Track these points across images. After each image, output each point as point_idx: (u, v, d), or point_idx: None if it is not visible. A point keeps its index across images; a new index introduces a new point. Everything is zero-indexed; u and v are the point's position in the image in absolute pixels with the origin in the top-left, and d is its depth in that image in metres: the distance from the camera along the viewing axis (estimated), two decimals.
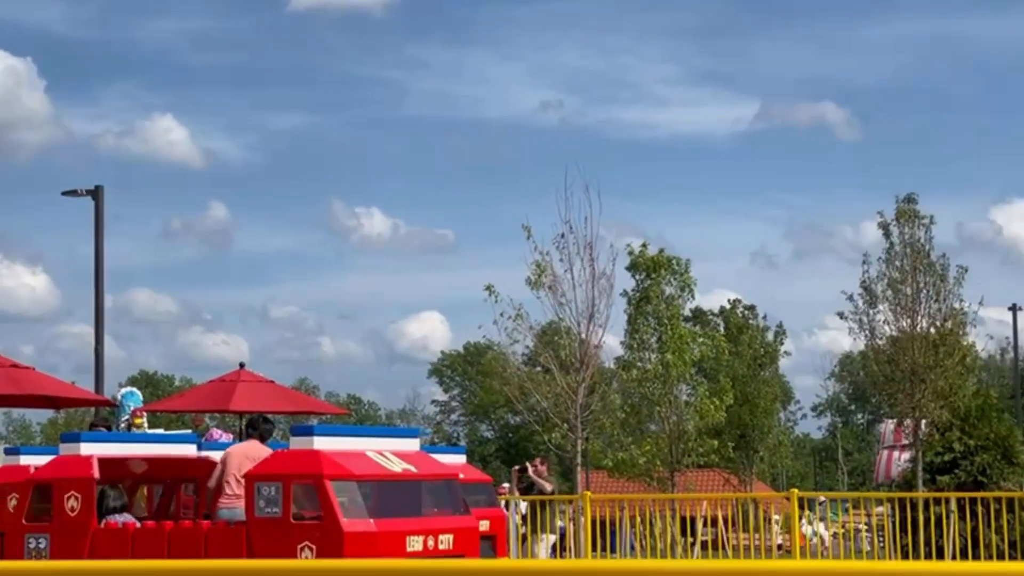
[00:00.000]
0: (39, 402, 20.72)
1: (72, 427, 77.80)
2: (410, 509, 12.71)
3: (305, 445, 12.50)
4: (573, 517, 22.21)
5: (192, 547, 12.54)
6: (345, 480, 12.20)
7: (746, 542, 21.80)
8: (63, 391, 20.26)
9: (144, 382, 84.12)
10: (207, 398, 23.12)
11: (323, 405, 30.26)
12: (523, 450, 68.67)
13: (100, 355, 30.28)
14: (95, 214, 30.68)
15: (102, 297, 30.85)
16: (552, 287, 28.63)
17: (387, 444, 13.26)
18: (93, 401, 23.63)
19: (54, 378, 20.75)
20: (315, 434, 12.62)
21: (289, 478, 12.21)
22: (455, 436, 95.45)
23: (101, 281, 30.71)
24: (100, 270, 30.67)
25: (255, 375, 22.99)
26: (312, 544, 11.89)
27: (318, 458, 12.28)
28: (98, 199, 30.66)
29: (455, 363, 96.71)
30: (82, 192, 31.00)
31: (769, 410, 46.29)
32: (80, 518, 13.14)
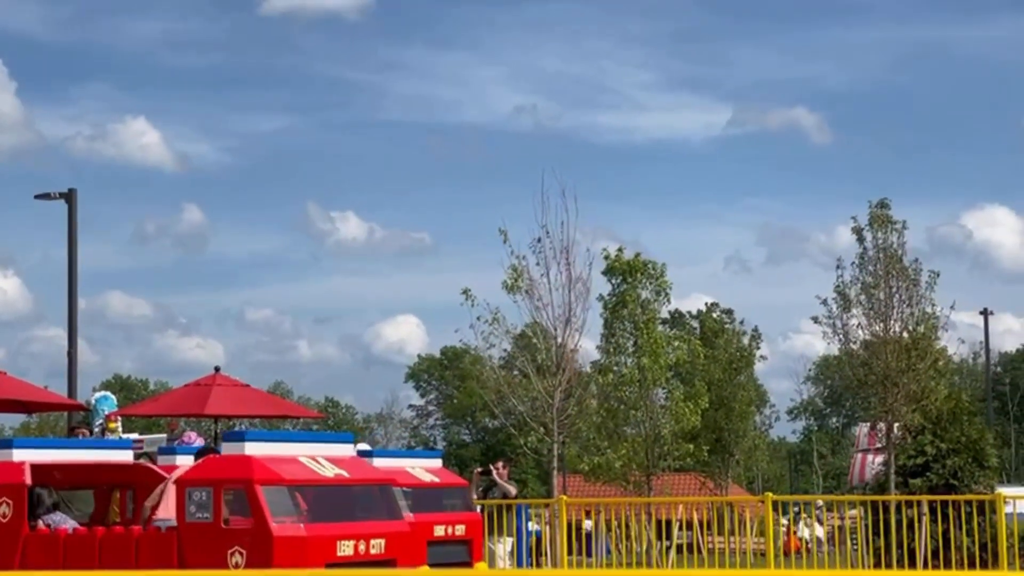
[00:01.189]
0: (11, 407, 20.66)
1: (45, 431, 77.43)
2: (342, 514, 12.75)
3: (237, 450, 12.54)
4: (549, 521, 22.22)
5: (123, 553, 12.60)
6: (275, 485, 12.23)
7: (721, 545, 21.85)
8: (36, 395, 20.20)
9: (118, 386, 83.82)
10: (182, 402, 23.06)
11: (299, 409, 30.22)
12: (501, 454, 68.64)
13: (73, 359, 30.16)
14: (68, 217, 30.58)
15: (75, 300, 30.75)
16: (529, 291, 28.65)
17: (320, 450, 13.29)
18: (66, 405, 23.57)
19: (26, 382, 20.68)
20: (247, 439, 12.67)
21: (220, 483, 12.24)
22: (432, 440, 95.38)
23: (75, 284, 30.60)
24: (73, 273, 30.56)
25: (231, 379, 22.96)
26: (242, 549, 11.92)
27: (249, 463, 12.32)
28: (72, 202, 30.57)
29: (432, 367, 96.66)
30: (55, 196, 30.89)
31: (745, 414, 46.37)
32: (12, 524, 13.15)
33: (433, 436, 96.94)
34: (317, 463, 12.92)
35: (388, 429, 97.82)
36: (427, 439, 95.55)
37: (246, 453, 12.45)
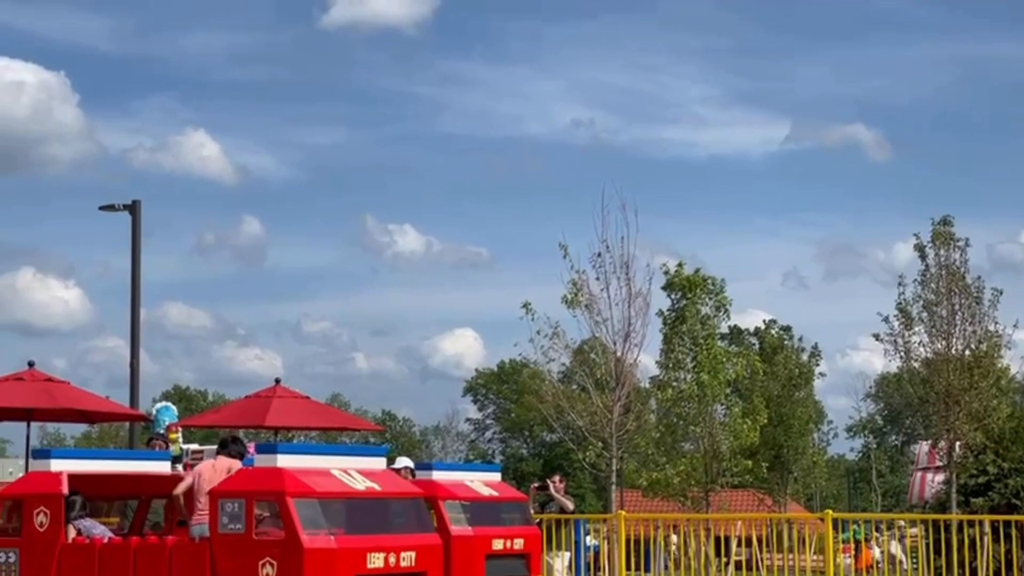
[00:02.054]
0: (74, 416, 20.81)
1: (106, 441, 78.13)
2: (373, 526, 12.84)
3: (269, 462, 12.65)
4: (607, 536, 22.19)
5: (157, 563, 12.77)
6: (307, 497, 12.30)
7: (780, 563, 21.73)
8: (98, 405, 20.33)
9: (178, 397, 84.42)
10: (242, 413, 23.12)
11: (357, 421, 30.27)
12: (558, 468, 68.59)
13: (135, 369, 30.37)
14: (132, 229, 30.83)
15: (138, 311, 30.97)
16: (588, 306, 28.68)
17: (353, 463, 13.36)
18: (128, 416, 23.73)
19: (89, 392, 20.82)
20: (279, 452, 12.76)
21: (252, 494, 12.33)
22: (490, 453, 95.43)
23: (137, 295, 30.84)
24: (137, 285, 30.80)
25: (291, 391, 23.00)
26: (274, 560, 12.03)
27: (281, 475, 12.41)
28: (135, 214, 30.82)
29: (490, 380, 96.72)
30: (119, 207, 31.16)
31: (803, 431, 46.17)
32: (49, 533, 13.31)
33: (491, 449, 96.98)
34: (349, 476, 13.00)
35: (445, 442, 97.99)
36: (484, 452, 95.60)
37: (278, 465, 12.54)
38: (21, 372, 19.07)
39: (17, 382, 18.74)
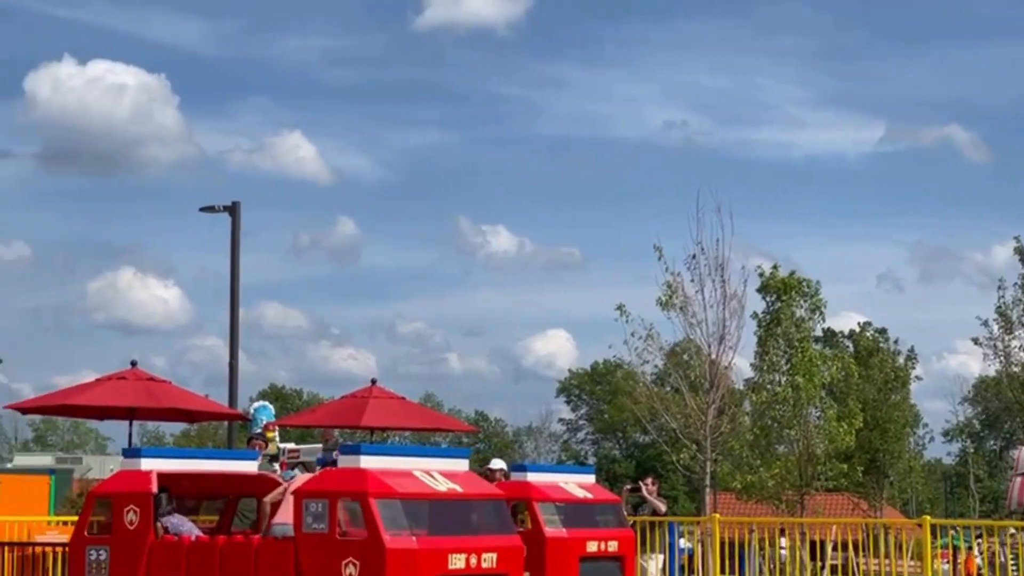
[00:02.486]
0: (175, 415, 21.12)
1: (204, 440, 79.06)
2: (454, 527, 12.90)
3: (352, 463, 12.77)
4: (701, 539, 22.12)
5: (243, 561, 12.94)
6: (389, 498, 12.41)
7: (876, 568, 21.54)
8: (198, 404, 20.62)
9: (274, 396, 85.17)
10: (339, 413, 23.31)
11: (452, 422, 30.43)
12: (651, 470, 68.43)
13: (234, 369, 30.67)
14: (231, 230, 31.15)
15: (237, 311, 31.28)
16: (683, 308, 28.65)
17: (435, 464, 13.46)
18: (227, 415, 24.01)
19: (190, 392, 21.13)
20: (362, 453, 12.88)
21: (335, 495, 12.47)
22: (583, 455, 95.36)
23: (236, 295, 31.15)
24: (236, 285, 31.12)
25: (387, 391, 23.16)
26: (356, 560, 12.14)
27: (364, 476, 12.54)
28: (235, 215, 31.14)
29: (583, 381, 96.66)
30: (219, 208, 31.49)
31: (899, 435, 45.68)
32: (139, 531, 13.51)
33: (583, 451, 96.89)
34: (431, 477, 13.10)
35: (538, 443, 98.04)
36: (577, 453, 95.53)
37: (361, 466, 12.66)
38: (124, 371, 19.39)
39: (120, 381, 19.06)
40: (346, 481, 12.59)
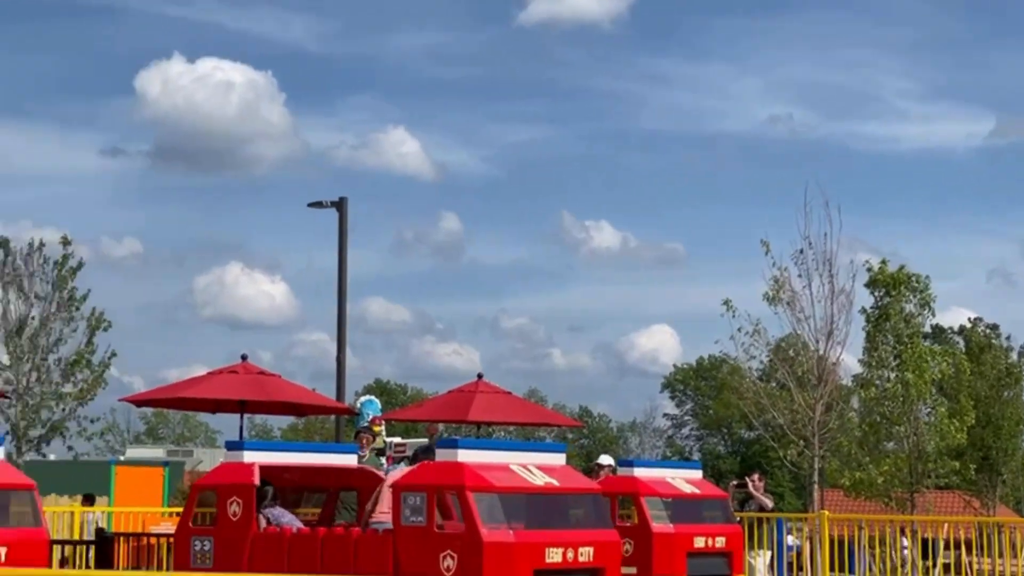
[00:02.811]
0: (285, 409, 21.32)
1: (312, 434, 79.83)
2: (551, 521, 12.91)
3: (450, 457, 12.88)
4: (810, 536, 21.95)
5: (343, 554, 13.04)
6: (486, 492, 12.50)
7: (989, 567, 21.23)
8: (307, 398, 20.77)
9: (378, 391, 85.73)
10: (445, 408, 23.40)
11: (557, 417, 30.39)
12: (757, 466, 68.00)
13: (342, 363, 30.94)
14: (339, 225, 31.42)
15: (344, 306, 31.53)
16: (791, 303, 28.46)
17: (532, 458, 13.52)
18: (335, 409, 24.20)
19: (299, 385, 21.30)
20: (459, 447, 12.99)
21: (433, 488, 12.61)
22: (687, 450, 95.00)
23: (344, 290, 31.41)
24: (343, 280, 31.38)
25: (493, 386, 23.19)
26: (454, 553, 12.19)
27: (461, 470, 12.64)
28: (342, 211, 31.42)
29: (687, 377, 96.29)
30: (327, 204, 31.80)
31: (1013, 432, 44.97)
32: (241, 522, 13.65)
33: (688, 446, 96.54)
34: (528, 471, 13.17)
35: (642, 438, 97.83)
36: (682, 449, 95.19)
37: (459, 460, 12.78)
38: (235, 365, 19.61)
39: (231, 375, 19.28)
40: (444, 475, 12.70)
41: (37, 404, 32.49)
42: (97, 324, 33.37)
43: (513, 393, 24.02)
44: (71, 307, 33.17)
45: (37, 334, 32.76)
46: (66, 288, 33.21)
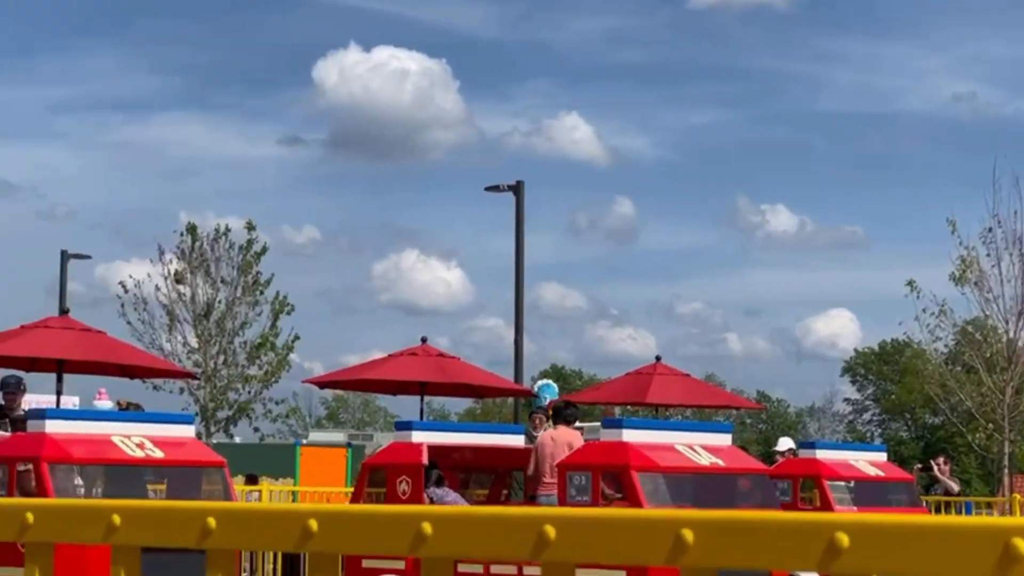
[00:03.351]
0: (464, 391, 21.47)
1: (490, 417, 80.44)
2: (716, 501, 12.74)
3: (615, 437, 12.90)
4: None
5: None
6: (651, 472, 12.48)
7: None
8: (486, 380, 20.90)
9: (554, 376, 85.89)
10: (623, 390, 23.37)
11: (737, 399, 30.14)
12: (941, 451, 66.55)
13: (519, 347, 31.11)
14: (516, 209, 31.57)
15: (522, 290, 31.70)
16: (978, 283, 27.80)
17: (697, 438, 13.43)
18: (513, 391, 24.33)
19: (478, 368, 21.44)
20: (624, 427, 13.03)
21: (598, 468, 12.65)
22: (868, 435, 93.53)
23: (521, 275, 31.57)
24: (520, 264, 31.52)
25: (671, 368, 23.09)
26: None
27: (626, 449, 12.64)
28: (519, 195, 31.57)
29: (869, 361, 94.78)
30: (504, 188, 31.95)
31: None
32: (409, 501, 13.77)
33: (869, 432, 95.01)
34: (693, 451, 13.10)
35: (822, 423, 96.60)
36: (863, 435, 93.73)
37: (624, 440, 12.78)
38: (415, 348, 19.80)
39: (411, 357, 19.48)
40: (609, 454, 12.75)
41: (224, 386, 33.30)
42: (281, 308, 34.05)
43: (692, 376, 23.87)
44: (255, 291, 33.90)
45: (224, 318, 33.56)
46: (251, 272, 33.95)
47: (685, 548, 2.24)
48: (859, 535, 2.07)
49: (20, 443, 12.41)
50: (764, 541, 2.18)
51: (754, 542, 2.19)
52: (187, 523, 2.74)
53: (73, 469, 12.07)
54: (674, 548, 2.24)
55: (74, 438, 12.25)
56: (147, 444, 12.57)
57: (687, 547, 2.23)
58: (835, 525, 2.06)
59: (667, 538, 2.24)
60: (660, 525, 2.28)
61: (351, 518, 2.67)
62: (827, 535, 2.04)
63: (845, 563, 2.04)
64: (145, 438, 12.63)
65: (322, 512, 2.64)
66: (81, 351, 16.66)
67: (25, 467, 11.90)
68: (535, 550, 2.39)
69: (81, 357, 16.81)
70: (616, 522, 2.38)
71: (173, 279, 34.04)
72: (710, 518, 2.26)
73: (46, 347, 16.56)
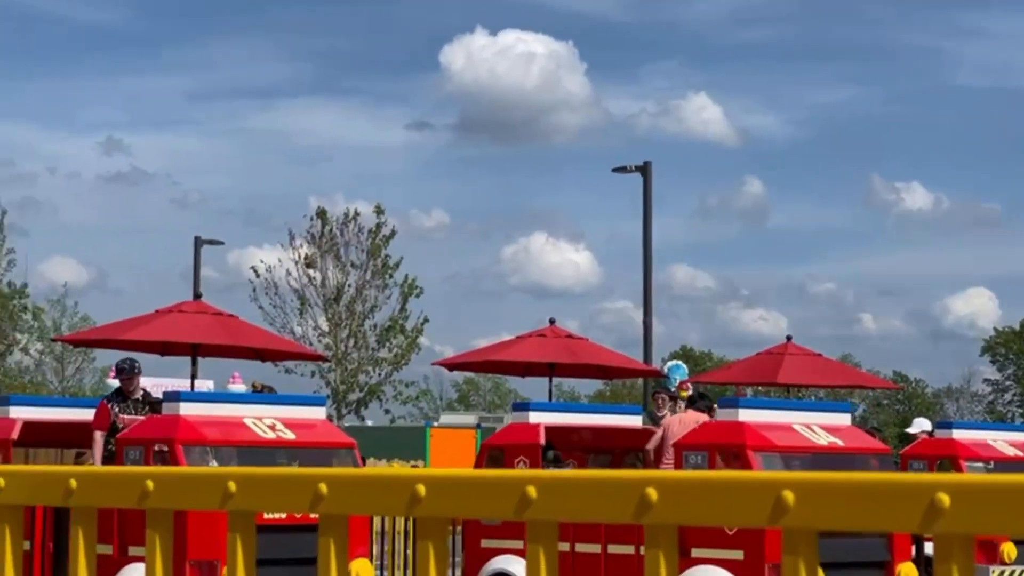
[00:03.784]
0: (592, 371, 21.44)
1: (621, 399, 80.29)
2: None
3: (731, 416, 12.91)
4: None
5: None
6: (767, 451, 12.44)
7: None
8: (616, 361, 20.84)
9: (684, 357, 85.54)
10: (753, 370, 23.16)
11: (871, 379, 29.74)
12: None
13: (648, 327, 31.03)
14: (643, 189, 31.46)
15: (650, 272, 31.58)
16: None
17: (815, 418, 13.36)
18: (642, 371, 24.25)
19: (607, 348, 21.38)
20: (740, 406, 13.01)
21: (714, 447, 12.68)
22: (1009, 416, 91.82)
23: (649, 256, 31.44)
24: (648, 245, 31.40)
25: (802, 348, 22.82)
26: None
27: (742, 429, 12.64)
28: (647, 175, 31.45)
29: (1009, 340, 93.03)
30: (631, 168, 31.86)
31: None
32: None
33: (1010, 412, 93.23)
34: (811, 430, 13.04)
35: (960, 404, 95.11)
36: (1003, 415, 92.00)
37: (740, 419, 12.77)
38: (543, 329, 19.80)
39: (539, 338, 19.49)
40: (725, 434, 12.78)
41: (355, 369, 33.64)
42: (410, 291, 34.30)
43: (824, 355, 23.55)
44: (384, 274, 34.18)
45: (353, 301, 33.91)
46: (379, 256, 34.23)
47: (786, 509, 2.24)
48: (960, 495, 2.06)
49: (155, 425, 12.64)
50: (864, 502, 2.18)
51: (854, 503, 2.19)
52: (300, 489, 2.79)
53: (207, 450, 12.26)
54: (775, 509, 2.25)
55: (207, 420, 12.47)
56: (278, 426, 12.75)
57: (788, 508, 2.24)
58: (936, 485, 2.03)
59: (768, 499, 2.25)
60: (761, 487, 2.29)
61: (458, 482, 2.71)
62: (928, 496, 2.02)
63: (946, 523, 2.01)
64: (276, 420, 12.82)
65: (430, 477, 2.68)
66: (214, 335, 16.93)
67: (160, 449, 12.13)
68: (637, 512, 2.42)
69: (214, 341, 17.07)
70: (717, 484, 2.40)
71: (304, 264, 34.47)
72: (811, 479, 2.26)
73: (180, 331, 16.84)
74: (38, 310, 42.32)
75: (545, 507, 2.54)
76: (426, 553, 2.66)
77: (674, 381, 30.48)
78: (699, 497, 2.38)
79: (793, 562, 2.31)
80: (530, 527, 2.61)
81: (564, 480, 2.57)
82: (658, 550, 2.47)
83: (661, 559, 2.46)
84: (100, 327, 21.20)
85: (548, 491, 2.53)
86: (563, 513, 2.56)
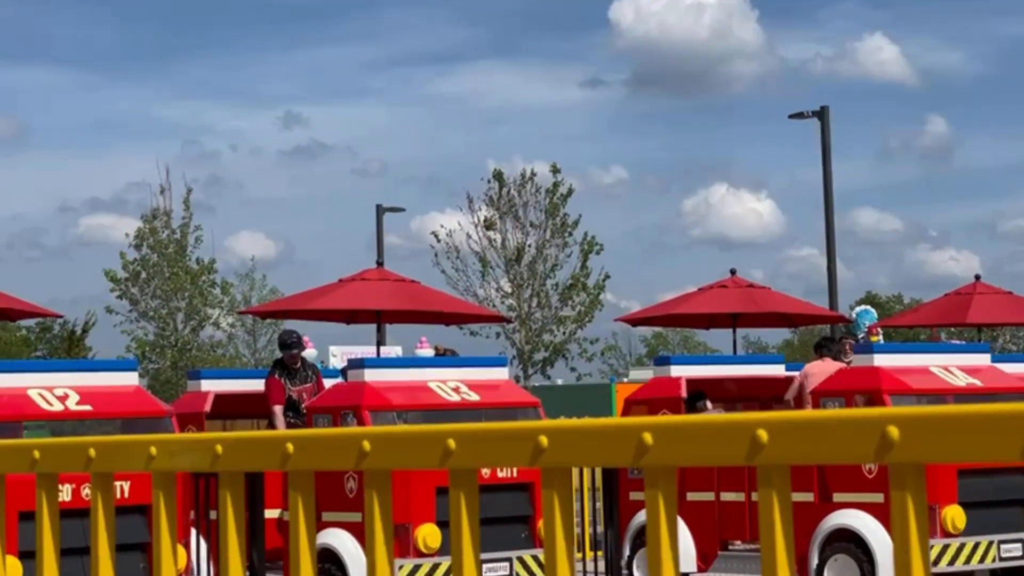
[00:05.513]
0: (776, 320, 21.22)
1: (807, 347, 79.37)
2: None
3: (866, 362, 13.01)
4: None
5: None
6: (903, 395, 12.50)
7: None
8: (799, 308, 20.62)
9: (870, 302, 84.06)
10: (941, 312, 22.76)
11: None
12: None
13: (833, 274, 30.69)
14: (821, 135, 31.01)
15: (832, 217, 31.17)
16: None
17: (954, 360, 13.38)
18: (828, 318, 23.95)
19: (790, 296, 21.15)
20: (875, 351, 13.18)
21: (851, 393, 12.75)
22: None
23: (830, 200, 31.02)
24: (829, 189, 30.98)
25: (992, 287, 22.29)
26: None
27: (878, 374, 12.70)
28: (824, 120, 31.00)
29: None
30: (808, 114, 31.45)
31: None
32: None
33: None
34: (949, 372, 13.03)
35: None
36: None
37: (875, 364, 12.89)
38: (724, 280, 19.67)
39: (721, 289, 19.36)
40: (861, 379, 12.85)
41: (539, 328, 33.82)
42: (590, 248, 34.31)
43: (1014, 293, 22.97)
44: (564, 233, 34.25)
45: (534, 261, 34.06)
46: (558, 215, 34.31)
47: (892, 444, 2.29)
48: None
49: (342, 392, 12.88)
50: (970, 434, 2.21)
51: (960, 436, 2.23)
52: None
53: (394, 415, 12.45)
54: (880, 445, 2.29)
55: (392, 385, 12.66)
56: (462, 388, 12.90)
57: (893, 443, 2.28)
58: None
59: (874, 435, 2.30)
60: (866, 423, 2.33)
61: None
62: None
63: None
64: (460, 382, 12.97)
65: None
66: (396, 301, 17.15)
67: (346, 415, 12.36)
68: (750, 454, 2.46)
69: (396, 307, 17.30)
70: (826, 422, 2.45)
71: (483, 226, 34.72)
72: (915, 413, 2.30)
73: (364, 299, 17.10)
74: (227, 285, 43.36)
75: (661, 453, 2.59)
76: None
77: (862, 326, 30.02)
78: (807, 436, 2.44)
79: (901, 497, 2.36)
80: (647, 473, 2.67)
81: (677, 425, 2.63)
82: (771, 489, 2.52)
83: (774, 497, 2.51)
84: (286, 298, 21.64)
85: (663, 436, 2.59)
86: (678, 458, 2.63)
